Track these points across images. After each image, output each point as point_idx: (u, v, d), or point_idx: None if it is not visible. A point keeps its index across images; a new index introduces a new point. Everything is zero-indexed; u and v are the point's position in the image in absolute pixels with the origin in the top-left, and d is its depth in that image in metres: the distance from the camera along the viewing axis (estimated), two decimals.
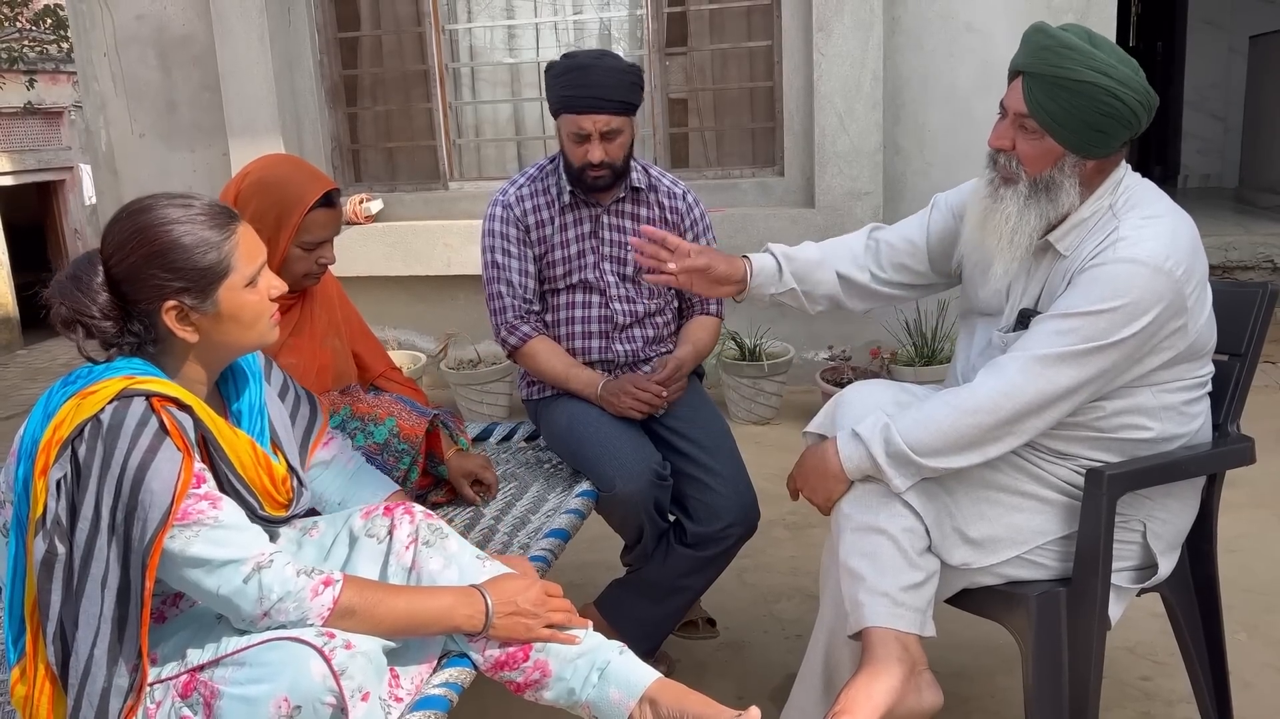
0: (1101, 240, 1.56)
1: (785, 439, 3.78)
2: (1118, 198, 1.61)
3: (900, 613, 1.59)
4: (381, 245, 4.60)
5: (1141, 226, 1.54)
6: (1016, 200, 1.61)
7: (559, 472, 2.21)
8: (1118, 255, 1.52)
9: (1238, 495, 2.79)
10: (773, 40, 4.33)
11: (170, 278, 1.30)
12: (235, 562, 1.28)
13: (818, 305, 1.94)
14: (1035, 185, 1.59)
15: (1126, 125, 1.54)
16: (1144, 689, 2.16)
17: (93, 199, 10.06)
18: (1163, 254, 1.51)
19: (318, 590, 1.31)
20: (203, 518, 1.28)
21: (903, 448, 1.58)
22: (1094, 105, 1.52)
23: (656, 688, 1.45)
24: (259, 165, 1.88)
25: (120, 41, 4.77)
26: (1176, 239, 1.54)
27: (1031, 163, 1.59)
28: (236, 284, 1.35)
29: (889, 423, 1.61)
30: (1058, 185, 1.58)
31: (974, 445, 1.58)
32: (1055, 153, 1.57)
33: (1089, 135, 1.55)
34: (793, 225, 4.22)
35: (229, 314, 1.35)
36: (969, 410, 1.56)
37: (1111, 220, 1.58)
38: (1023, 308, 1.67)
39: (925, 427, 1.58)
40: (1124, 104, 1.52)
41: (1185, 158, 7.68)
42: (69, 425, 1.24)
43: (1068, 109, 1.53)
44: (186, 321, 1.33)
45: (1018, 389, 1.54)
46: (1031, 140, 1.58)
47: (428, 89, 4.72)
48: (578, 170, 2.16)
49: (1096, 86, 1.51)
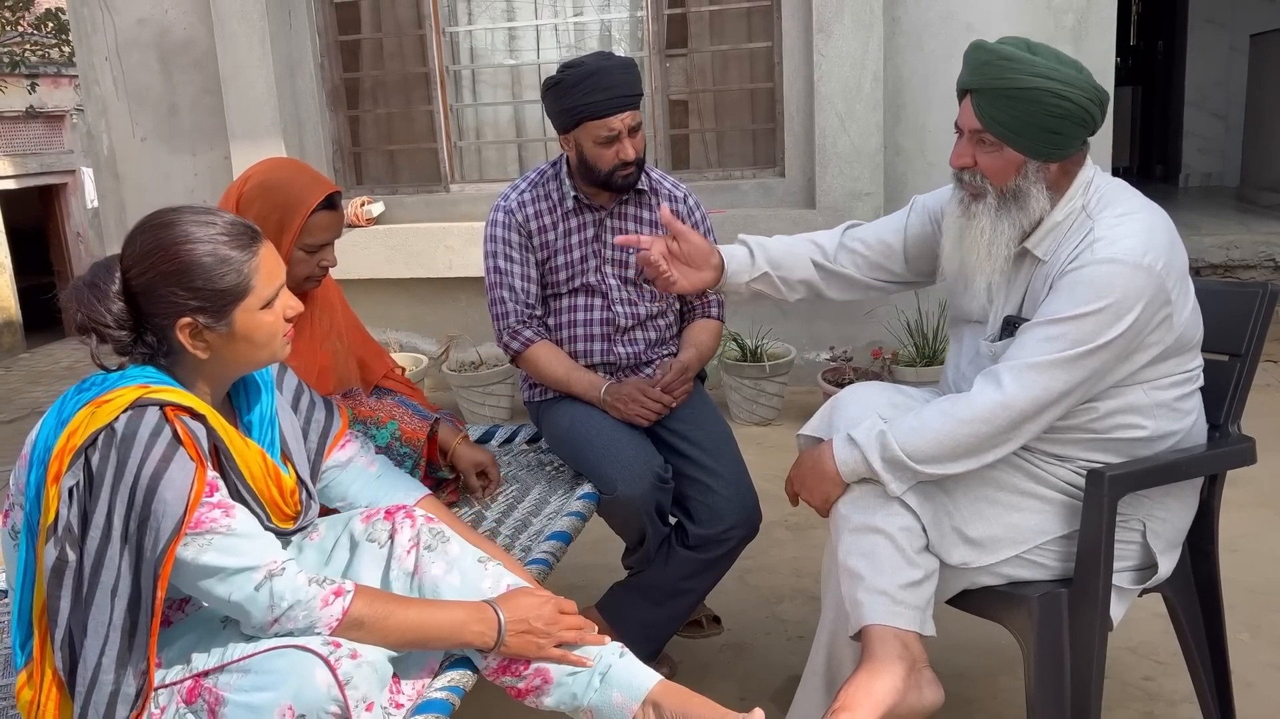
0: (1079, 243, 1.57)
1: (787, 440, 3.78)
2: (1090, 198, 1.63)
3: (899, 611, 1.60)
4: (383, 248, 4.60)
5: (1116, 225, 1.55)
6: (988, 214, 1.63)
7: (561, 474, 2.21)
8: (1096, 256, 1.53)
9: (1239, 495, 2.79)
10: (773, 41, 4.33)
11: (188, 296, 1.30)
12: (247, 569, 1.29)
13: (795, 293, 1.96)
14: (1003, 196, 1.62)
15: (1081, 124, 1.57)
16: (1146, 689, 2.16)
17: (94, 202, 10.07)
18: (1140, 250, 1.52)
19: (328, 600, 1.32)
20: (215, 526, 1.28)
21: (899, 454, 1.59)
22: (1043, 109, 1.55)
23: (659, 691, 1.45)
24: (261, 169, 1.89)
25: (121, 45, 4.77)
26: (1153, 234, 1.55)
27: (995, 175, 1.62)
28: (253, 305, 1.34)
29: (885, 429, 1.61)
30: (1025, 193, 1.61)
31: (971, 453, 1.59)
32: (1016, 162, 1.60)
33: (1046, 138, 1.57)
34: (794, 226, 4.19)
35: (242, 334, 1.35)
36: (965, 419, 1.57)
37: (1086, 221, 1.60)
38: (1007, 315, 1.68)
39: (922, 434, 1.59)
40: (1073, 103, 1.54)
41: (1186, 156, 7.68)
42: (83, 433, 1.25)
43: (1019, 117, 1.56)
44: (200, 339, 1.33)
45: (1013, 398, 1.55)
46: (991, 153, 1.61)
47: (429, 91, 4.73)
48: (608, 174, 2.16)
49: (1041, 90, 1.53)
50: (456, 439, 2.05)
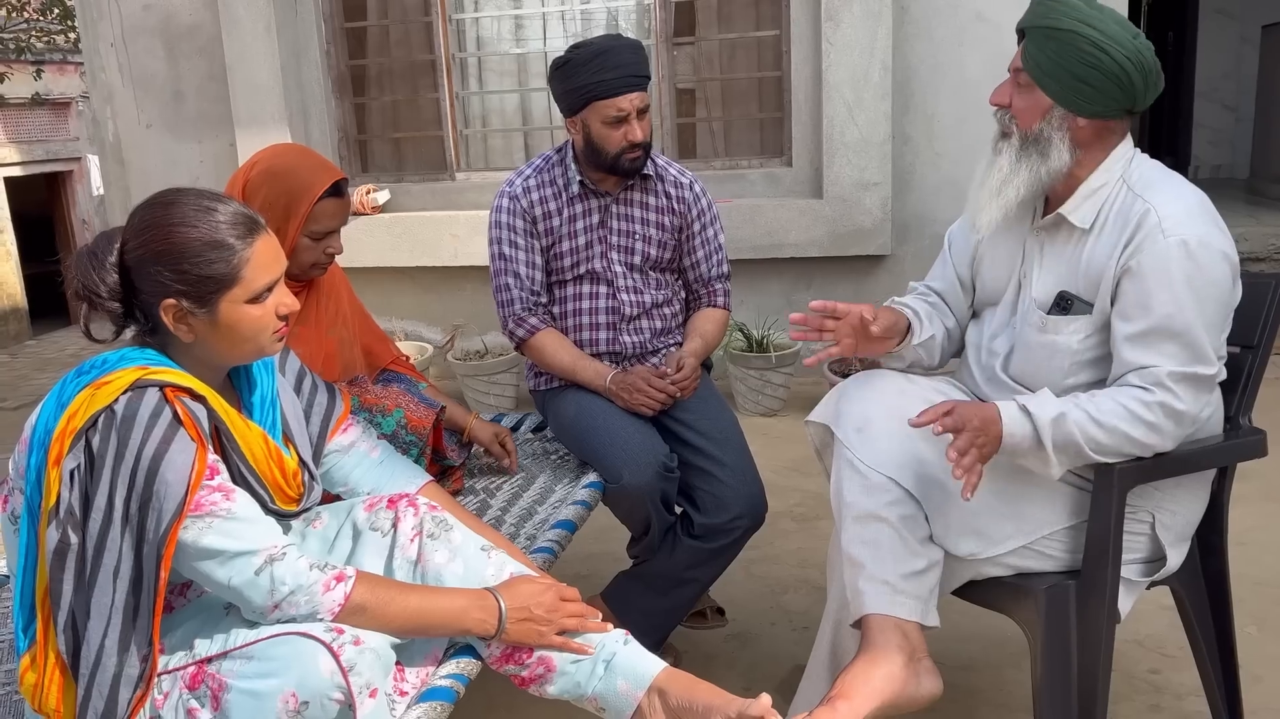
0: (1136, 224, 1.57)
1: (792, 431, 3.77)
2: (1131, 172, 1.63)
3: (900, 600, 1.60)
4: (388, 236, 4.59)
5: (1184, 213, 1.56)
6: (1010, 154, 1.65)
7: (566, 463, 2.21)
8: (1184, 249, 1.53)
9: (1249, 488, 2.77)
10: (781, 30, 4.31)
11: (173, 278, 1.30)
12: (248, 553, 1.28)
13: (934, 356, 1.89)
14: (1025, 139, 1.64)
15: (1115, 81, 1.56)
16: (1153, 682, 2.15)
17: (100, 189, 10.08)
18: (1220, 236, 1.56)
19: (329, 586, 1.31)
20: (216, 509, 1.28)
21: (1077, 440, 1.55)
22: (1077, 55, 1.56)
23: (665, 678, 1.44)
24: (267, 154, 1.88)
25: (127, 32, 4.76)
26: (1216, 219, 1.58)
27: (1023, 116, 1.64)
28: (239, 297, 1.33)
29: (1065, 412, 1.56)
30: (1047, 140, 1.62)
31: (1143, 451, 1.58)
32: (1044, 105, 1.62)
33: (1074, 86, 1.58)
34: (801, 216, 4.20)
35: (226, 325, 1.34)
36: (1150, 424, 1.55)
37: (1133, 198, 1.59)
38: (1061, 290, 1.66)
39: (1101, 427, 1.55)
40: (1109, 57, 1.54)
41: (1196, 148, 7.63)
42: (83, 415, 1.24)
43: (1054, 59, 1.58)
44: (183, 322, 1.32)
45: (1189, 409, 1.56)
46: (1024, 94, 1.64)
47: (435, 79, 4.71)
48: (615, 156, 2.14)
49: (1079, 35, 1.55)
50: (470, 417, 2.12)
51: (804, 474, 3.29)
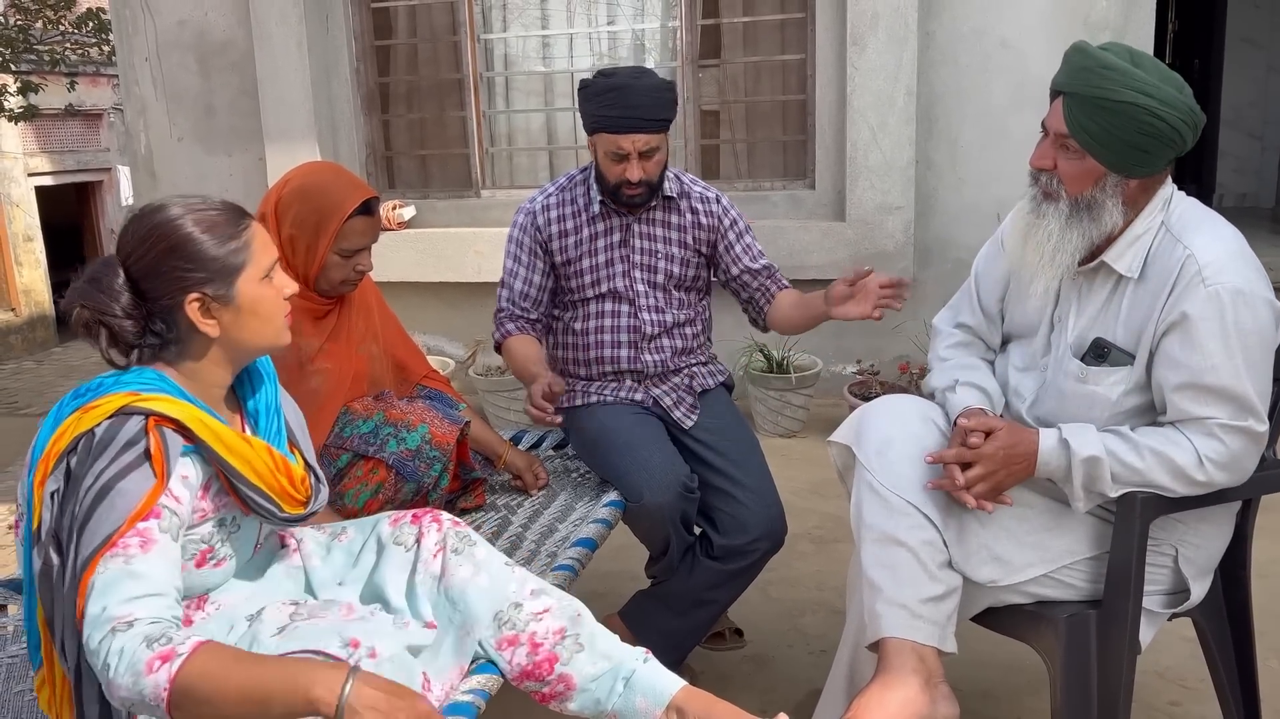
0: (1176, 271, 1.55)
1: (812, 452, 3.77)
2: (1170, 215, 1.61)
3: (918, 625, 1.59)
4: (413, 252, 4.64)
5: (1225, 257, 1.55)
6: (1059, 219, 1.60)
7: (587, 480, 2.22)
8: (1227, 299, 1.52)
9: (1273, 520, 2.75)
10: (806, 54, 4.33)
11: (191, 268, 1.32)
12: (103, 612, 1.16)
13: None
14: (1076, 205, 1.59)
15: (1170, 144, 1.54)
16: (1172, 714, 2.13)
17: (130, 200, 10.20)
18: (1260, 281, 1.56)
19: (153, 667, 1.13)
20: (126, 553, 1.20)
21: (1108, 489, 1.57)
22: (1135, 126, 1.51)
23: (683, 696, 1.45)
24: (300, 172, 1.91)
25: (161, 46, 4.84)
26: (1253, 260, 1.58)
27: (1072, 182, 1.59)
28: (254, 276, 1.36)
29: (1104, 459, 1.56)
30: (1099, 205, 1.58)
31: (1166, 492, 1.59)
32: (1096, 173, 1.57)
33: (1131, 155, 1.54)
34: (823, 238, 4.21)
35: (248, 307, 1.36)
36: (1185, 471, 1.56)
37: (1173, 243, 1.58)
38: (1098, 337, 1.64)
39: (1135, 473, 1.56)
40: (1166, 123, 1.51)
41: (1221, 176, 7.58)
42: (67, 438, 1.26)
43: (1108, 129, 1.53)
44: (209, 315, 1.34)
45: (1235, 459, 1.56)
46: (1072, 160, 1.58)
47: (462, 97, 4.76)
48: (614, 187, 2.16)
49: (1137, 107, 1.50)
50: (505, 448, 2.17)
51: (823, 496, 3.29)
